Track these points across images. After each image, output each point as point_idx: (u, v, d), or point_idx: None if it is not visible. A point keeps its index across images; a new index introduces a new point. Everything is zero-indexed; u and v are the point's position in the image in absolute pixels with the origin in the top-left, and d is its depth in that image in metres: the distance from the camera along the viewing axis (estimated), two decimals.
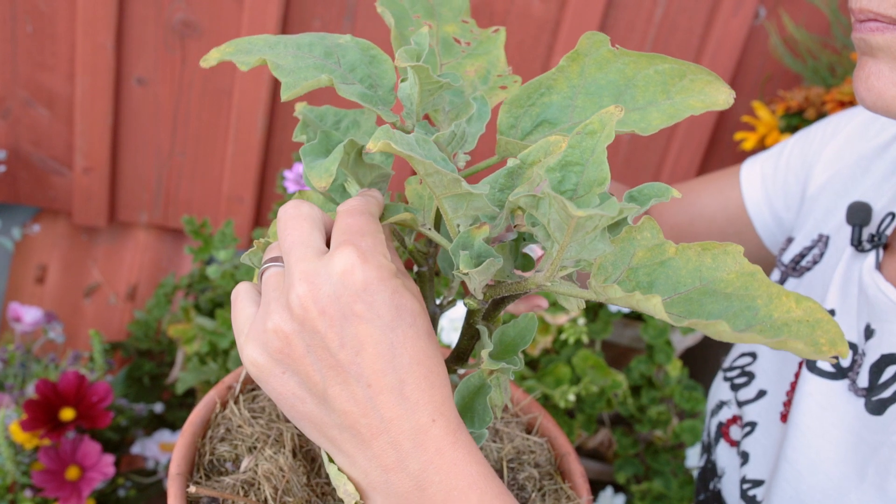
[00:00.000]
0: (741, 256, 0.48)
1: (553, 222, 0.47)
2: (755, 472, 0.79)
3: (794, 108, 1.44)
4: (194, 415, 0.70)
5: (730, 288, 0.46)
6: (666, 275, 0.48)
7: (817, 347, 0.41)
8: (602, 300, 0.48)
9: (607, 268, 0.49)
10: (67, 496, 1.15)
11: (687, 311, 0.45)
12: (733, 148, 1.66)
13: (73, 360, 1.30)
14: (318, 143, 0.55)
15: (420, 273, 0.62)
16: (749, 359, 0.88)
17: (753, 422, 0.82)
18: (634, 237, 0.50)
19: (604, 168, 0.49)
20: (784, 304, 0.44)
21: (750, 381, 0.86)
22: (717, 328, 0.41)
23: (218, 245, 1.31)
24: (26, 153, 1.55)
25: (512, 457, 0.74)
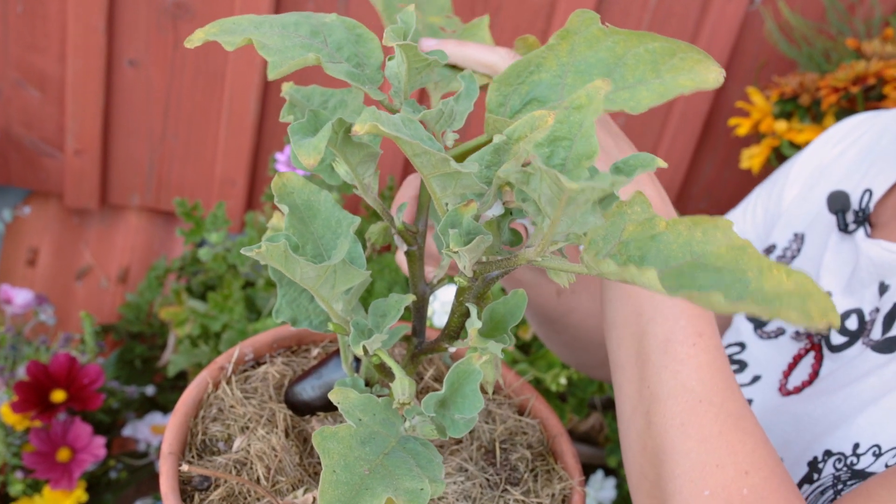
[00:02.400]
0: (731, 231, 0.48)
1: (544, 197, 0.47)
2: None
3: (789, 94, 1.44)
4: (186, 394, 0.70)
5: (721, 261, 0.46)
6: (657, 249, 0.48)
7: (809, 317, 0.41)
8: (594, 274, 0.48)
9: (598, 242, 0.49)
10: (58, 477, 1.15)
11: (679, 284, 0.45)
12: (727, 134, 1.66)
13: (64, 343, 1.29)
14: (307, 121, 0.55)
15: (409, 252, 0.62)
16: (737, 348, 0.90)
17: (749, 399, 0.84)
18: (625, 211, 0.50)
19: (592, 142, 0.48)
20: (775, 277, 0.44)
21: (742, 369, 0.88)
22: (712, 299, 0.41)
23: (210, 227, 1.30)
24: (17, 135, 1.54)
25: (504, 438, 0.74)
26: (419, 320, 0.65)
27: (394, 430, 0.58)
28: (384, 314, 0.61)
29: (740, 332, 0.91)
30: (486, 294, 0.58)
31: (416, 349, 0.65)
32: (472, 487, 0.70)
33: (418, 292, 0.63)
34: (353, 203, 1.54)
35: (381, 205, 0.59)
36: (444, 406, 0.59)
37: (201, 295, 1.40)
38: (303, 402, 0.69)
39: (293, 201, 0.61)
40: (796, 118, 1.45)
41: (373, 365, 0.63)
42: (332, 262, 0.56)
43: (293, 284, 0.66)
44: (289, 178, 0.61)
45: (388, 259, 1.33)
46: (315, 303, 0.66)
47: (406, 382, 0.60)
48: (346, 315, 0.62)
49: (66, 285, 1.66)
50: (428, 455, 0.57)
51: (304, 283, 0.57)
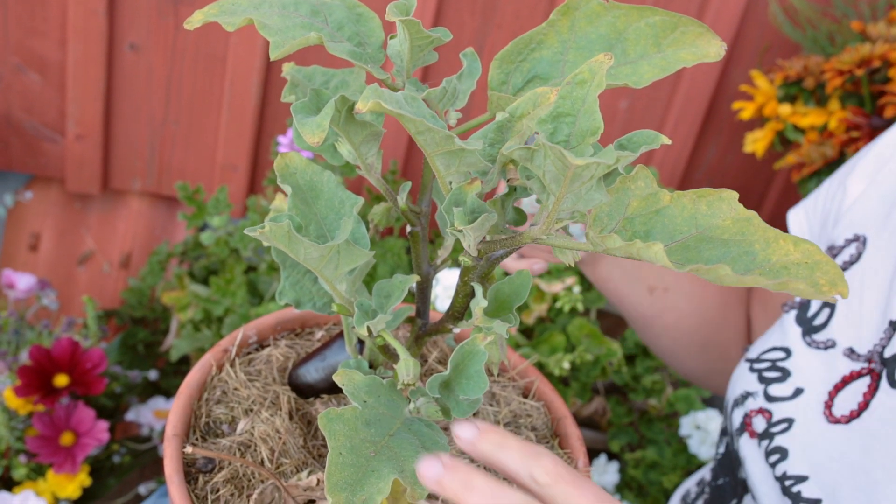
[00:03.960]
0: (736, 202, 0.47)
1: (549, 174, 0.46)
2: (797, 468, 0.76)
3: (793, 78, 1.43)
4: (190, 377, 0.70)
5: (726, 234, 0.46)
6: (662, 223, 0.48)
7: (818, 287, 0.41)
8: (600, 251, 0.47)
9: (603, 219, 0.49)
10: (62, 462, 1.15)
11: (685, 259, 0.45)
12: (731, 118, 1.65)
13: (66, 327, 1.29)
14: (309, 100, 0.55)
15: (413, 233, 0.62)
16: (781, 353, 0.83)
17: (790, 419, 0.79)
18: (629, 187, 0.49)
19: (596, 117, 0.48)
20: (782, 248, 0.44)
21: (785, 378, 0.82)
22: (719, 272, 0.41)
23: (212, 211, 1.30)
24: (18, 119, 1.54)
25: (509, 420, 0.74)
26: (423, 301, 0.65)
27: (399, 412, 0.58)
28: (388, 295, 0.61)
29: (787, 336, 0.84)
30: (490, 274, 0.58)
31: (420, 330, 0.65)
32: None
33: (422, 273, 0.63)
34: (354, 187, 1.53)
35: (384, 185, 0.59)
36: (449, 387, 0.59)
37: (204, 279, 1.40)
38: (306, 384, 0.69)
39: (296, 182, 0.60)
40: (800, 102, 1.44)
41: (377, 346, 0.63)
42: (335, 243, 0.55)
43: (296, 266, 0.66)
44: (291, 158, 0.60)
45: (391, 243, 1.32)
46: (318, 285, 0.66)
47: (410, 363, 0.59)
48: (350, 296, 0.61)
49: (69, 270, 1.65)
50: (433, 436, 0.57)
51: (308, 264, 0.57)
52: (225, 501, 0.63)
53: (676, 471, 1.34)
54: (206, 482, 0.64)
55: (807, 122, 1.39)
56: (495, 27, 1.51)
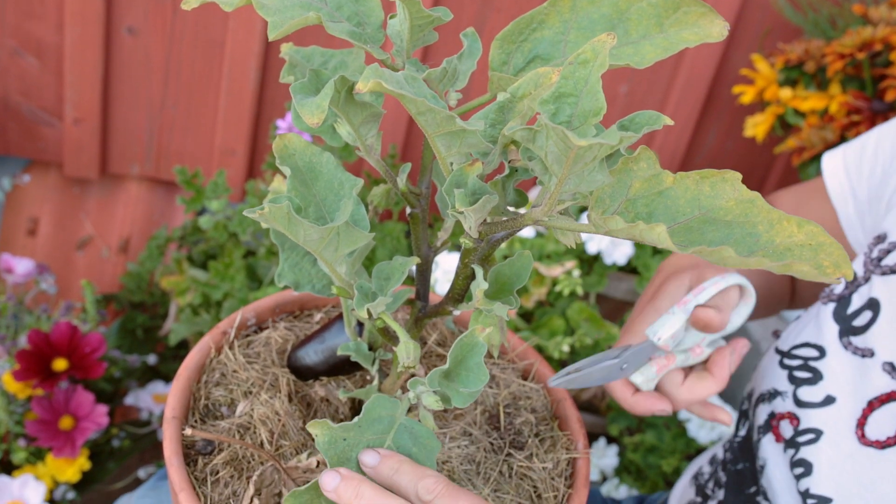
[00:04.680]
0: (739, 184, 0.47)
1: (551, 155, 0.46)
2: (822, 488, 0.72)
3: (794, 61, 1.42)
4: (189, 359, 0.69)
5: (729, 215, 0.46)
6: (664, 205, 0.48)
7: (822, 269, 0.41)
8: (602, 233, 0.47)
9: (605, 200, 0.49)
10: (61, 445, 1.15)
11: (688, 240, 0.45)
12: (732, 102, 1.65)
13: (65, 311, 1.29)
14: (309, 80, 0.54)
15: (412, 215, 0.61)
16: (815, 352, 0.77)
17: (818, 430, 0.74)
18: (631, 168, 0.49)
19: (599, 98, 0.48)
20: (786, 229, 0.43)
21: (816, 381, 0.76)
22: (723, 254, 0.40)
23: (210, 195, 1.29)
24: (15, 103, 1.53)
25: (508, 402, 0.74)
26: (423, 284, 0.64)
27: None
28: (388, 277, 0.61)
29: (822, 332, 0.77)
30: (491, 256, 0.58)
31: (420, 313, 0.65)
32: (476, 451, 0.70)
33: (422, 255, 0.63)
34: (354, 171, 1.53)
35: (383, 166, 0.59)
36: (449, 378, 0.59)
37: (202, 264, 1.39)
38: (306, 366, 0.69)
39: (295, 163, 0.60)
40: (801, 85, 1.43)
41: (376, 329, 0.63)
42: (335, 224, 0.55)
43: (295, 248, 0.65)
44: (290, 139, 0.60)
45: (391, 227, 1.32)
46: (318, 267, 0.65)
47: (411, 346, 0.59)
48: (350, 278, 0.61)
49: (67, 255, 1.65)
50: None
51: (307, 246, 0.56)
52: (224, 483, 0.63)
53: (675, 454, 1.35)
54: (206, 464, 0.64)
55: (807, 106, 1.39)
56: (494, 11, 1.50)
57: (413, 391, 0.59)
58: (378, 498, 0.55)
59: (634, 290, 1.39)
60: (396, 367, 0.63)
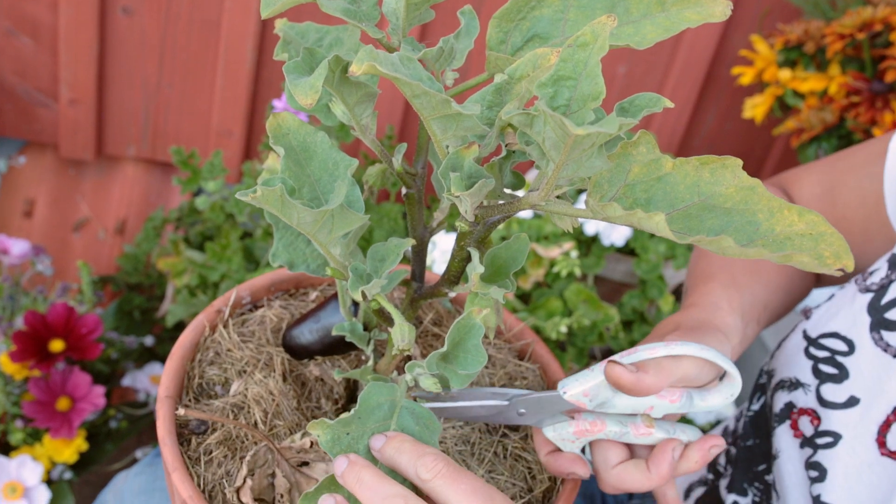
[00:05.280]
0: (740, 170, 0.46)
1: (548, 140, 0.45)
2: (834, 497, 0.69)
3: (794, 42, 1.41)
4: (183, 338, 0.69)
5: (729, 203, 0.45)
6: (663, 191, 0.47)
7: (822, 260, 0.40)
8: (600, 219, 0.47)
9: (603, 185, 0.48)
10: (58, 426, 1.15)
11: (687, 228, 0.44)
12: (730, 83, 1.64)
13: (61, 292, 1.29)
14: (302, 60, 0.53)
15: (408, 195, 0.61)
16: (843, 345, 0.72)
17: (837, 433, 0.70)
18: (630, 152, 0.48)
19: (598, 82, 0.47)
20: (786, 218, 0.43)
21: (842, 379, 0.71)
22: (722, 244, 0.40)
23: (206, 176, 1.29)
24: (10, 84, 1.52)
25: (504, 382, 0.74)
26: (419, 265, 0.64)
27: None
28: (383, 259, 0.60)
29: (854, 323, 0.71)
30: (487, 238, 0.58)
31: (416, 294, 0.64)
32: (470, 432, 0.70)
33: (418, 236, 0.62)
34: (350, 152, 1.52)
35: (379, 146, 0.58)
36: (447, 361, 0.58)
37: (199, 245, 1.39)
38: (301, 345, 0.69)
39: (289, 143, 0.59)
40: (801, 66, 1.42)
41: (371, 310, 0.63)
42: (329, 207, 0.54)
43: (290, 228, 0.65)
44: (284, 118, 0.59)
45: (387, 208, 1.31)
46: (312, 246, 0.65)
47: (406, 329, 0.59)
48: (345, 260, 0.61)
49: (64, 237, 1.65)
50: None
51: (301, 228, 0.56)
52: (218, 463, 0.63)
53: None
54: (199, 444, 0.64)
55: (807, 87, 1.38)
56: None
57: (410, 374, 0.58)
58: (376, 483, 0.55)
59: (632, 271, 1.39)
60: (391, 349, 0.63)
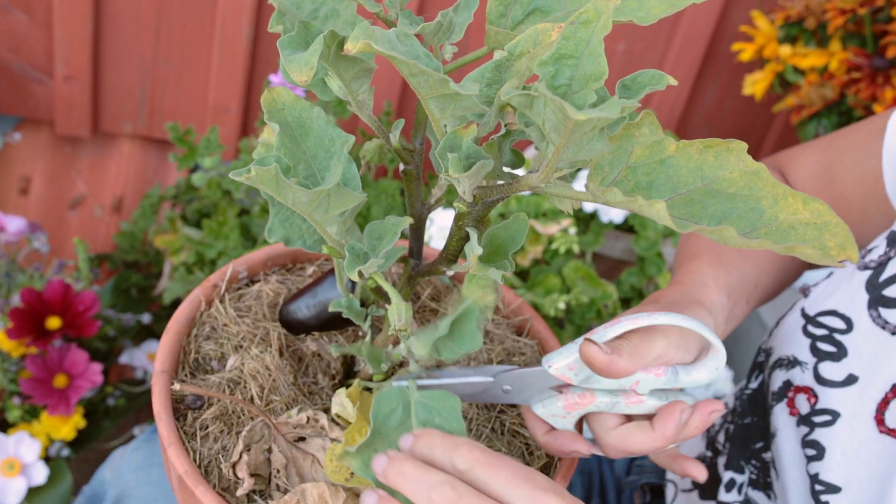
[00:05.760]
0: (745, 154, 0.46)
1: (548, 123, 0.44)
2: (832, 476, 0.69)
3: (794, 18, 1.40)
4: (179, 313, 0.69)
5: (733, 188, 0.44)
6: (666, 174, 0.46)
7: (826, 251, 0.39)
8: (601, 202, 0.46)
9: (604, 167, 0.47)
10: (56, 403, 1.15)
11: (689, 214, 0.43)
12: (730, 59, 1.63)
13: (58, 269, 1.28)
14: (297, 34, 0.53)
15: (406, 171, 0.60)
16: (842, 323, 0.71)
17: (836, 411, 0.70)
18: (632, 134, 0.47)
19: (600, 62, 0.46)
20: (791, 206, 0.42)
21: (840, 357, 0.70)
22: (724, 234, 0.39)
23: (203, 152, 1.28)
24: (5, 60, 1.51)
25: (502, 358, 0.74)
26: (416, 242, 0.63)
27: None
28: (380, 237, 0.60)
29: (853, 301, 0.71)
30: (486, 218, 0.57)
31: (413, 271, 0.64)
32: (468, 408, 0.70)
33: (415, 213, 0.62)
34: (348, 128, 1.51)
35: (376, 122, 0.57)
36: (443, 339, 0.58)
37: (196, 223, 1.38)
38: (297, 320, 0.68)
39: (284, 119, 0.59)
40: (801, 42, 1.42)
41: (368, 288, 0.62)
42: (325, 187, 0.54)
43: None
44: (279, 93, 0.59)
45: (385, 184, 1.31)
46: (308, 222, 0.64)
47: (402, 308, 0.59)
48: (341, 238, 0.60)
49: (60, 215, 1.64)
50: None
51: (297, 208, 0.55)
52: (214, 438, 0.63)
53: None
54: (195, 419, 0.64)
55: (807, 64, 1.37)
56: None
57: (404, 342, 0.58)
58: (420, 473, 0.53)
59: (630, 248, 1.39)
60: (388, 327, 0.63)
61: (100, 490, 0.95)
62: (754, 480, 0.80)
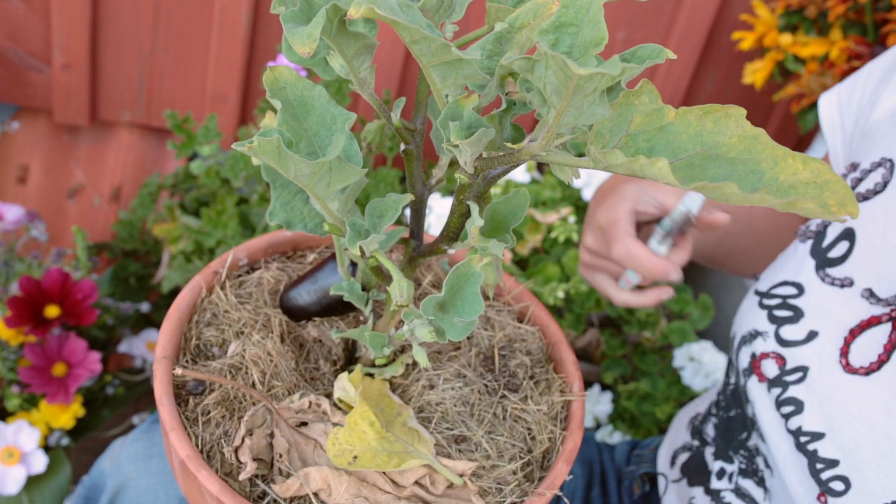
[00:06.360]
0: (744, 119, 0.46)
1: (550, 86, 0.44)
2: (814, 424, 0.72)
3: (795, 6, 1.40)
4: (180, 299, 0.68)
5: (733, 152, 0.44)
6: (666, 140, 0.46)
7: (826, 208, 0.39)
8: (601, 168, 0.46)
9: (605, 135, 0.47)
10: (55, 392, 1.15)
11: (689, 176, 0.43)
12: (731, 48, 1.62)
13: (56, 258, 1.28)
14: (300, 9, 0.52)
15: (407, 151, 0.60)
16: (793, 289, 0.77)
17: (804, 367, 0.73)
18: (632, 102, 0.47)
19: (600, 28, 0.46)
20: (791, 166, 0.42)
21: (797, 318, 0.75)
22: (725, 190, 0.39)
23: (201, 140, 1.27)
24: (2, 48, 1.50)
25: (503, 344, 0.74)
26: (417, 222, 0.63)
27: None
28: (381, 214, 0.60)
29: (800, 269, 0.77)
30: (487, 193, 0.57)
31: (414, 252, 0.63)
32: (470, 393, 0.69)
33: (416, 193, 0.61)
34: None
35: (377, 100, 0.57)
36: (444, 309, 0.58)
37: (195, 211, 1.38)
38: (298, 306, 0.68)
39: (286, 97, 0.58)
40: (802, 31, 1.41)
41: (369, 268, 0.62)
42: (327, 159, 0.54)
43: (287, 186, 0.64)
44: (281, 72, 0.58)
45: (384, 172, 1.30)
46: (310, 206, 0.64)
47: (404, 284, 0.58)
48: (342, 215, 0.60)
49: (58, 204, 1.63)
50: None
51: (299, 181, 0.55)
52: (216, 423, 0.63)
53: (669, 402, 1.35)
54: (197, 404, 0.63)
55: (808, 52, 1.37)
56: None
57: (407, 323, 0.58)
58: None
59: None
60: (390, 307, 0.62)
61: (99, 480, 0.95)
62: (744, 470, 0.83)
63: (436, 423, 0.66)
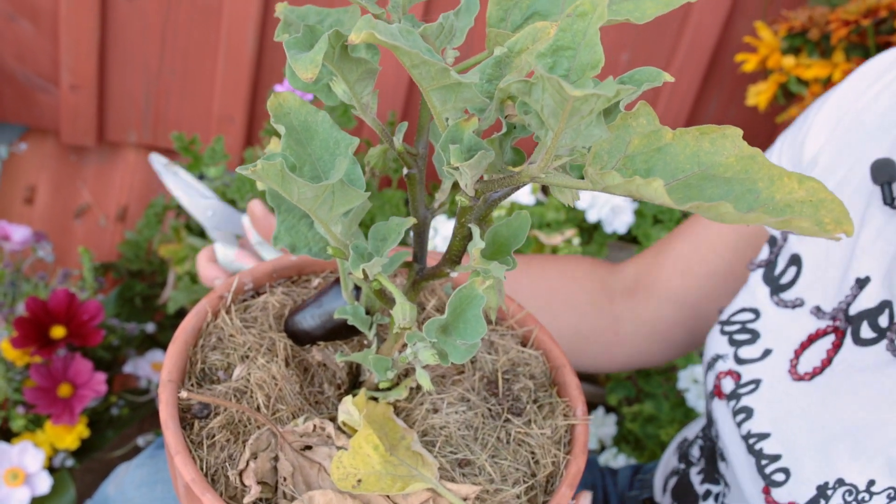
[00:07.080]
0: (740, 140, 0.46)
1: (547, 108, 0.45)
2: (761, 426, 0.77)
3: (798, 29, 1.41)
4: (186, 322, 0.69)
5: (729, 172, 0.45)
6: (664, 161, 0.47)
7: (822, 226, 0.40)
8: (599, 189, 0.46)
9: (602, 157, 0.48)
10: (60, 413, 1.15)
11: (686, 196, 0.44)
12: (734, 70, 1.63)
13: (62, 279, 1.29)
14: (303, 36, 0.53)
15: (409, 176, 0.60)
16: (751, 315, 0.83)
17: (758, 379, 0.79)
18: (629, 124, 0.48)
19: (597, 51, 0.47)
20: (786, 186, 0.42)
21: (754, 340, 0.82)
22: (720, 210, 0.40)
23: (208, 162, 1.28)
24: (10, 69, 1.51)
25: (507, 368, 0.74)
26: (420, 246, 0.64)
27: None
28: (384, 238, 0.60)
29: (756, 297, 0.83)
30: (488, 216, 0.57)
31: (418, 275, 0.64)
32: (473, 417, 0.69)
33: (419, 217, 0.62)
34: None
35: (379, 125, 0.58)
36: (446, 331, 0.58)
37: (201, 232, 1.38)
38: (303, 331, 0.68)
39: (290, 122, 0.59)
40: (805, 53, 1.42)
41: (373, 291, 0.62)
42: (329, 182, 0.54)
43: (292, 211, 0.65)
44: (285, 98, 0.59)
45: (389, 194, 1.31)
46: (314, 230, 0.64)
47: (407, 307, 0.59)
48: (346, 239, 0.60)
49: (65, 224, 1.64)
50: None
51: (302, 205, 0.56)
52: (220, 447, 0.63)
53: (674, 424, 1.34)
54: (202, 428, 0.64)
55: (811, 75, 1.37)
56: None
57: (410, 346, 0.58)
58: None
59: None
60: (393, 330, 0.63)
61: None
62: (728, 492, 0.85)
63: (440, 447, 0.66)
